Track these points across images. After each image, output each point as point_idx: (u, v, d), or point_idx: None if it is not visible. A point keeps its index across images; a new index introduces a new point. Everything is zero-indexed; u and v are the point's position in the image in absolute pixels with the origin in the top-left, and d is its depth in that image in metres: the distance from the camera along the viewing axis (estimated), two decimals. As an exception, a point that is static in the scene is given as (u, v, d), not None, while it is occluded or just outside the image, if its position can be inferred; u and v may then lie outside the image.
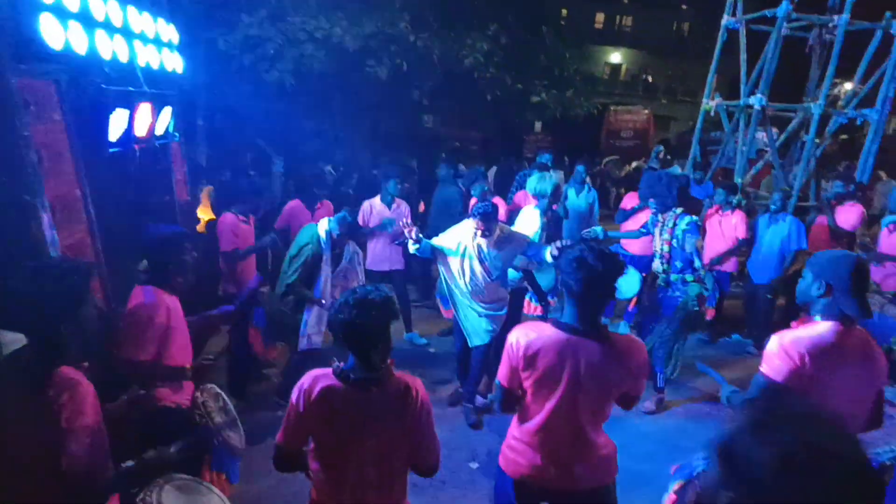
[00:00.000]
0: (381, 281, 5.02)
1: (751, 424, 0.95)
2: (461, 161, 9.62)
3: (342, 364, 1.81)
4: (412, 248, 3.66)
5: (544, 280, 4.31)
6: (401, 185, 5.03)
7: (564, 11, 21.80)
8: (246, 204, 4.17)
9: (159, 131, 3.39)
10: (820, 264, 1.97)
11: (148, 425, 2.26)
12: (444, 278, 3.85)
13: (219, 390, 2.70)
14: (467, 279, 3.71)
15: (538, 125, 14.90)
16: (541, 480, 2.03)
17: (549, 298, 4.38)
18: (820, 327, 1.91)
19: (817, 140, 6.95)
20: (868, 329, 1.99)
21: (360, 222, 5.02)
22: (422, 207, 6.96)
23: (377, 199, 5.04)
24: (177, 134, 3.66)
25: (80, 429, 1.58)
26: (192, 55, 5.22)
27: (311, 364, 2.08)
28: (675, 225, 4.01)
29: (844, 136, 14.55)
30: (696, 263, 4.01)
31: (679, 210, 4.05)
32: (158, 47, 3.31)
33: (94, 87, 2.70)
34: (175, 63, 3.52)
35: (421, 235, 3.62)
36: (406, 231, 3.59)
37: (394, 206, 5.02)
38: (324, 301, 3.84)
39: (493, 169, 8.61)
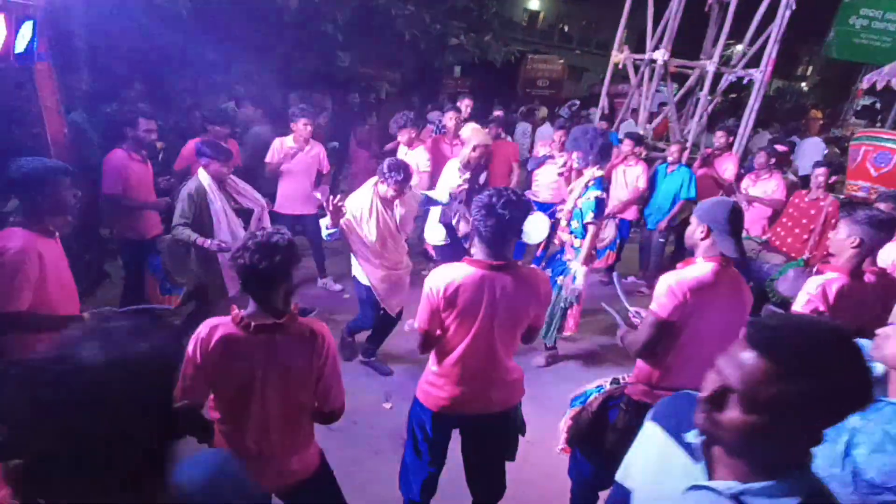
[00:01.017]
0: (292, 225, 4.84)
1: None
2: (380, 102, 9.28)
3: (242, 311, 1.75)
4: (325, 232, 3.30)
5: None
6: (311, 125, 4.76)
7: (485, -49, 21.13)
8: (139, 140, 3.76)
9: (20, 49, 2.92)
10: (702, 210, 2.18)
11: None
12: (359, 253, 3.47)
13: None
14: (391, 245, 3.47)
15: (457, 70, 14.66)
16: (459, 408, 2.18)
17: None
18: (701, 267, 2.13)
19: (710, 97, 7.47)
20: (751, 272, 2.25)
21: (269, 160, 4.75)
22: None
23: (289, 138, 4.77)
24: (43, 54, 3.17)
25: None
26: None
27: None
28: (586, 189, 3.88)
29: (734, 95, 15.77)
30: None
31: (599, 173, 3.88)
32: (12, -53, 2.79)
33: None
34: (36, -32, 2.99)
35: (341, 211, 3.22)
36: (326, 206, 3.16)
37: (307, 147, 4.78)
38: (222, 244, 3.43)
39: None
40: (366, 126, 7.03)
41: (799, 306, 2.42)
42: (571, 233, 3.96)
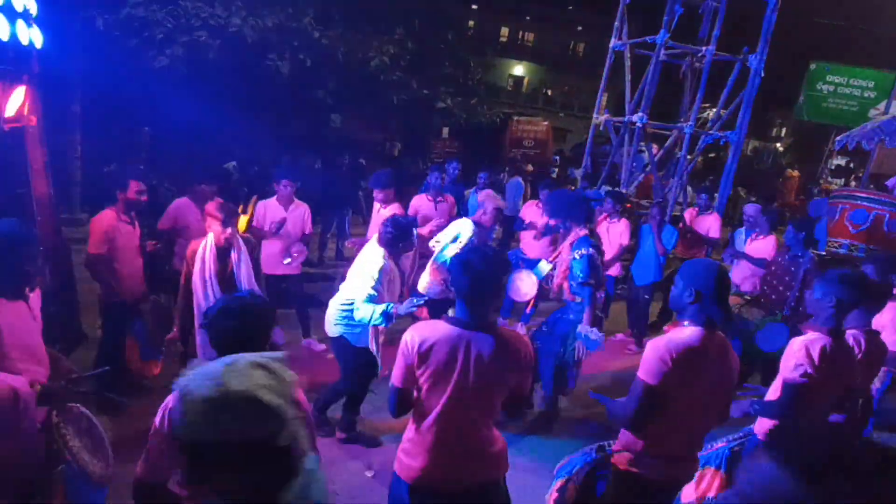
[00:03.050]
0: (277, 285, 4.79)
1: None
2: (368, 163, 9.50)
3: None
4: (407, 308, 3.08)
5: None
6: (292, 186, 4.77)
7: (472, 23, 22.46)
8: (130, 202, 3.74)
9: (10, 113, 2.97)
10: (690, 273, 2.13)
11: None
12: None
13: (84, 410, 2.40)
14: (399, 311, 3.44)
15: (445, 131, 15.16)
16: (435, 481, 2.04)
17: None
18: (687, 332, 2.08)
19: (689, 157, 7.75)
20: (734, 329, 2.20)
21: (255, 224, 4.77)
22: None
23: (273, 200, 4.81)
24: (33, 118, 3.23)
25: None
26: (63, 32, 4.60)
27: None
28: (572, 247, 3.85)
29: (712, 154, 16.40)
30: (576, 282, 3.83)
31: (583, 232, 3.86)
32: (10, 17, 2.90)
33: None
34: (32, 37, 3.10)
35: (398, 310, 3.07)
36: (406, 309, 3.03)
37: (291, 207, 4.82)
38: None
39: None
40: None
41: (788, 372, 2.37)
42: (573, 292, 3.90)
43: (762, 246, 5.35)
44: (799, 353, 2.34)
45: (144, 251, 3.96)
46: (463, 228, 4.37)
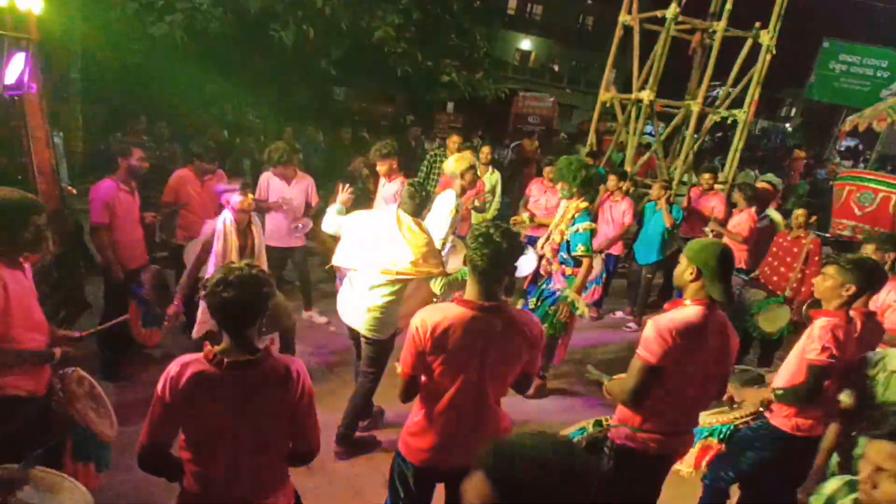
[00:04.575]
0: (282, 257, 4.81)
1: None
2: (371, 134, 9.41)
3: (215, 347, 1.71)
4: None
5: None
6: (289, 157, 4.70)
7: (478, -7, 21.98)
8: (132, 169, 3.73)
9: (10, 80, 2.94)
10: (693, 251, 2.14)
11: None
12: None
13: (84, 374, 2.45)
14: None
15: (450, 105, 14.96)
16: (443, 462, 2.04)
17: None
18: (688, 310, 2.09)
19: (696, 136, 7.64)
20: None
21: (258, 196, 4.75)
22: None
23: (276, 172, 4.78)
24: (33, 85, 3.20)
25: None
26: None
27: None
28: (573, 220, 3.81)
29: (719, 134, 16.18)
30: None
31: (584, 205, 3.82)
32: (8, -18, 2.85)
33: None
34: (31, 2, 3.04)
35: None
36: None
37: (295, 180, 4.79)
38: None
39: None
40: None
41: (813, 355, 2.38)
42: (562, 263, 3.90)
43: (738, 220, 5.37)
44: (825, 336, 2.35)
45: (143, 222, 3.97)
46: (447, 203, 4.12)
